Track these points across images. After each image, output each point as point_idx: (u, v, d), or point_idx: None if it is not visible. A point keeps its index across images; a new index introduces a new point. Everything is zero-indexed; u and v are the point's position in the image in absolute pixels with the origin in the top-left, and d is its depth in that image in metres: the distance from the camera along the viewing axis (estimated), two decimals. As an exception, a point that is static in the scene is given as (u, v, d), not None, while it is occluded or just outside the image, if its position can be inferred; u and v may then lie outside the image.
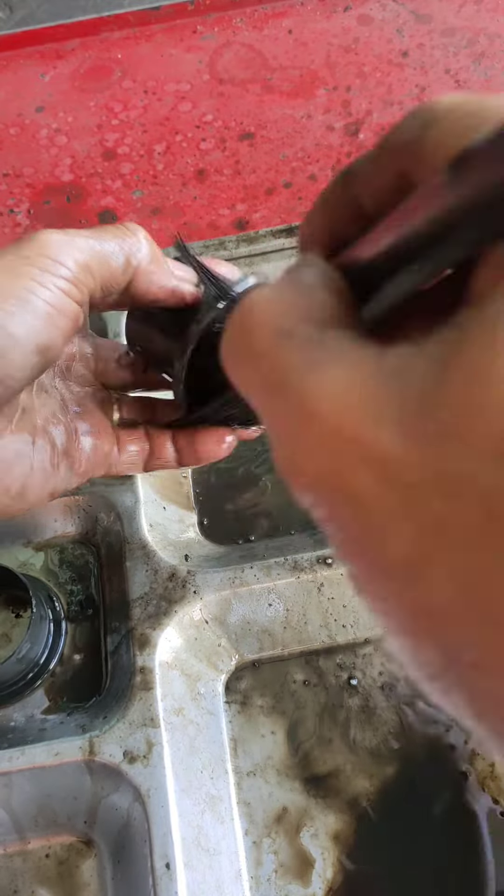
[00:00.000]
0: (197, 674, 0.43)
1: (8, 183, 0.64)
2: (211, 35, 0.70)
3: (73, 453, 0.36)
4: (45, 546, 0.48)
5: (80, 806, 0.40)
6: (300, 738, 0.42)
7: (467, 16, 0.69)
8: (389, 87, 0.66)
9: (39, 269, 0.30)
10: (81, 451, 0.36)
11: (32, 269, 0.29)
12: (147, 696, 0.40)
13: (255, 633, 0.44)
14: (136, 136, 0.66)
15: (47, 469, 0.34)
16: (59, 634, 0.45)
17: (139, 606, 0.42)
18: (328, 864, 0.39)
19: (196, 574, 0.43)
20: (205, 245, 0.53)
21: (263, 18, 0.71)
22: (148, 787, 0.37)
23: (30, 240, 0.30)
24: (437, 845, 0.39)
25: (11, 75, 0.70)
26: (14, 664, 0.41)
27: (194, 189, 0.62)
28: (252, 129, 0.65)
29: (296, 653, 0.44)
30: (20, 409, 0.33)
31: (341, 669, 0.44)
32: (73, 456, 0.35)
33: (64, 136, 0.66)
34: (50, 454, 0.34)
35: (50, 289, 0.30)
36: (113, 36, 0.71)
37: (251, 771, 0.42)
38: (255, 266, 0.53)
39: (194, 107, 0.67)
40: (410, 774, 0.41)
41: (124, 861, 0.38)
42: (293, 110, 0.66)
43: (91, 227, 0.61)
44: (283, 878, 0.39)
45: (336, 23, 0.70)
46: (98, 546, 0.47)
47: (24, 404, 0.34)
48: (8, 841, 0.40)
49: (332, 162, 0.63)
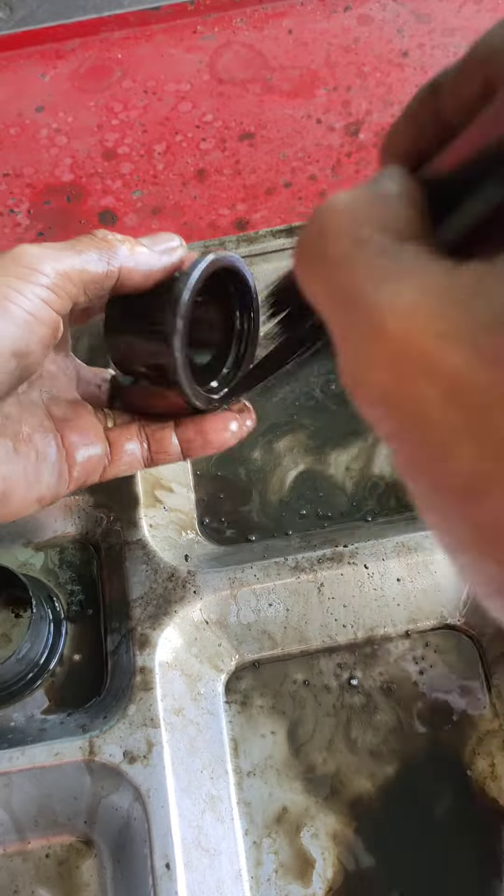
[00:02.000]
0: (197, 674, 0.43)
1: (8, 183, 0.64)
2: (211, 35, 0.70)
3: (64, 461, 0.36)
4: (45, 546, 0.48)
5: (80, 806, 0.40)
6: (300, 739, 0.42)
7: (467, 16, 0.69)
8: (389, 87, 0.66)
9: (17, 279, 0.30)
10: (73, 459, 0.37)
11: (10, 278, 0.30)
12: (147, 696, 0.40)
13: (255, 633, 0.44)
14: (136, 136, 0.66)
15: (30, 476, 0.35)
16: (59, 634, 0.45)
17: (139, 606, 0.42)
18: (328, 864, 0.39)
19: (196, 574, 0.43)
20: (205, 245, 0.53)
21: (263, 18, 0.71)
22: (148, 787, 0.37)
23: (7, 252, 0.31)
24: (438, 845, 0.39)
25: (11, 75, 0.70)
26: (14, 664, 0.41)
27: (194, 189, 0.62)
28: (252, 129, 0.65)
29: (296, 653, 0.44)
30: (2, 417, 0.34)
31: (341, 669, 0.44)
32: (62, 464, 0.36)
33: (64, 136, 0.66)
34: (34, 461, 0.35)
35: (28, 297, 0.30)
36: (113, 36, 0.71)
37: (251, 771, 0.42)
38: (255, 266, 0.53)
39: (194, 107, 0.67)
40: (410, 774, 0.41)
41: (124, 861, 0.38)
42: (293, 110, 0.66)
43: (90, 227, 0.61)
44: (283, 878, 0.39)
45: (336, 23, 0.70)
46: (98, 546, 0.47)
47: (8, 413, 0.35)
48: (8, 841, 0.40)
49: (332, 162, 0.63)
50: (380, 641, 0.44)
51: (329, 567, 0.43)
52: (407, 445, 0.14)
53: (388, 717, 0.42)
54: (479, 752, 0.41)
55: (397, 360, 0.14)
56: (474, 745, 0.41)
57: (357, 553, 0.43)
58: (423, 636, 0.44)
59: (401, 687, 0.43)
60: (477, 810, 0.40)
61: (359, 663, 0.44)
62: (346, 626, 0.44)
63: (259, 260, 0.53)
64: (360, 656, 0.44)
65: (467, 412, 0.13)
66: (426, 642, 0.44)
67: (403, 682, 0.43)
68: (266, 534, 0.48)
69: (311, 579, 0.43)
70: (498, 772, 0.40)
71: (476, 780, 0.40)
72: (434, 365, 0.13)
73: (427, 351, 0.13)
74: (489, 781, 0.40)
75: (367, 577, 0.43)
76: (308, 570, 0.43)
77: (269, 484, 0.49)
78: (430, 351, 0.13)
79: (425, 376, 0.13)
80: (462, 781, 0.40)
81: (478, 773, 0.41)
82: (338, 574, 0.43)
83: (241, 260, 0.36)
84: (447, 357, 0.13)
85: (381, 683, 0.43)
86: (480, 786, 0.40)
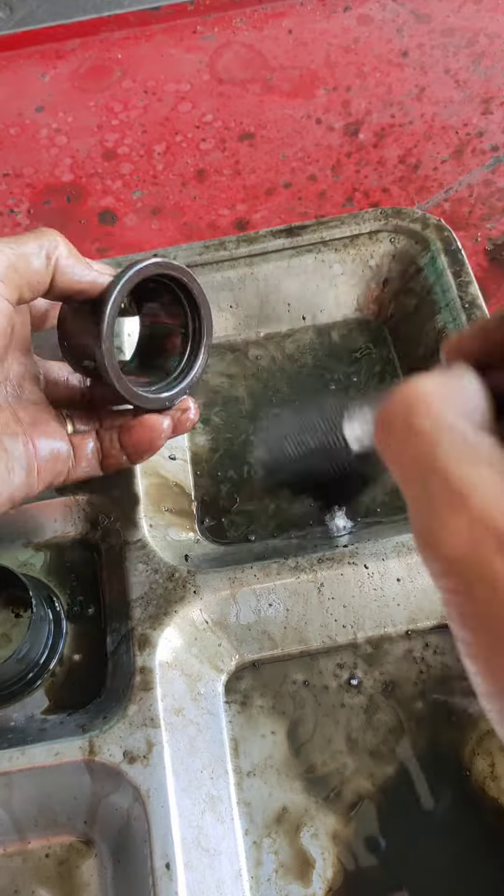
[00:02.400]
0: (197, 674, 0.43)
1: (8, 183, 0.64)
2: (211, 35, 0.70)
3: (32, 461, 0.38)
4: (45, 546, 0.48)
5: (80, 806, 0.40)
6: (300, 739, 0.42)
7: (467, 16, 0.69)
8: (389, 87, 0.66)
9: None
10: (40, 458, 0.39)
11: None
12: (147, 696, 0.40)
13: (255, 634, 0.44)
14: (136, 136, 0.66)
15: (2, 475, 0.36)
16: (59, 634, 0.45)
17: (139, 606, 0.42)
18: (328, 864, 0.39)
19: (196, 574, 0.43)
20: (205, 245, 0.53)
21: (263, 18, 0.71)
22: (148, 787, 0.37)
23: None
24: (438, 845, 0.39)
25: (11, 75, 0.70)
26: (14, 664, 0.41)
27: (194, 189, 0.62)
28: (252, 129, 0.65)
29: (296, 653, 0.44)
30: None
31: (341, 669, 0.44)
32: (31, 464, 0.38)
33: (64, 136, 0.66)
34: (5, 462, 0.37)
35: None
36: (113, 36, 0.71)
37: (251, 771, 0.42)
38: (255, 266, 0.53)
39: (194, 107, 0.67)
40: (410, 774, 0.41)
41: (124, 861, 0.38)
42: (293, 110, 0.66)
43: (90, 227, 0.61)
44: (283, 878, 0.39)
45: (336, 23, 0.70)
46: (98, 546, 0.47)
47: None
48: (8, 841, 0.40)
49: (331, 162, 0.63)
50: (380, 641, 0.44)
51: (329, 567, 0.43)
52: (470, 604, 0.17)
53: (388, 717, 0.42)
54: (478, 752, 0.41)
55: (474, 528, 0.16)
56: (474, 745, 0.41)
57: (357, 553, 0.43)
58: (423, 636, 0.44)
59: (401, 687, 0.43)
60: (477, 810, 0.40)
61: (359, 663, 0.44)
62: (346, 626, 0.44)
63: (259, 260, 0.53)
64: (360, 656, 0.44)
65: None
66: (426, 642, 0.44)
67: (403, 682, 0.43)
68: (266, 534, 0.48)
69: (311, 579, 0.43)
70: (498, 772, 0.41)
71: (476, 780, 0.41)
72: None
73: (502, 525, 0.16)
74: (489, 781, 0.40)
75: (367, 577, 0.43)
76: (308, 570, 0.43)
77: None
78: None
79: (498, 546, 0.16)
80: (462, 781, 0.41)
81: (478, 773, 0.41)
82: (338, 574, 0.43)
83: (176, 266, 0.39)
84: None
85: (381, 683, 0.43)
86: (480, 786, 0.40)
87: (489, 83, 0.66)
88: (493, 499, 0.16)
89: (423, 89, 0.66)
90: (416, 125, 0.64)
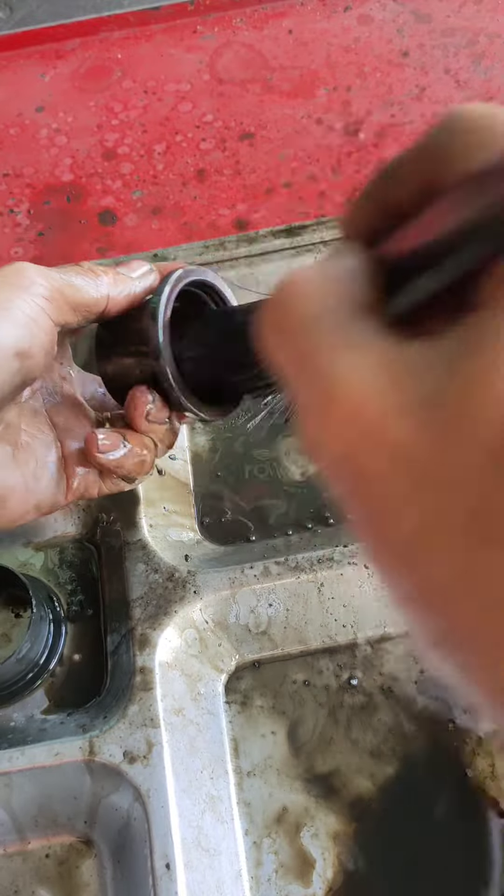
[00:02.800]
0: (197, 674, 0.43)
1: (8, 183, 0.64)
2: (211, 35, 0.70)
3: (62, 471, 0.38)
4: (45, 546, 0.48)
5: (80, 806, 0.40)
6: (300, 738, 0.42)
7: (467, 16, 0.69)
8: (389, 87, 0.66)
9: (18, 286, 0.33)
10: (73, 469, 0.38)
11: (12, 286, 0.33)
12: (147, 696, 0.40)
13: (256, 634, 0.44)
14: (136, 136, 0.66)
15: (29, 483, 0.36)
16: (59, 634, 0.45)
17: (139, 606, 0.42)
18: (328, 865, 0.39)
19: (196, 574, 0.43)
20: (205, 245, 0.53)
21: (263, 18, 0.71)
22: (148, 787, 0.37)
23: (9, 266, 0.34)
24: (438, 845, 0.39)
25: (11, 75, 0.70)
26: (14, 664, 0.41)
27: (194, 189, 0.62)
28: (252, 129, 0.65)
29: (296, 653, 0.44)
30: (3, 424, 0.36)
31: (341, 669, 0.44)
32: (61, 473, 0.38)
33: (64, 136, 0.66)
34: (33, 469, 0.36)
35: (28, 302, 0.33)
36: (113, 36, 0.71)
37: (251, 771, 0.42)
38: (255, 266, 0.53)
39: (194, 107, 0.67)
40: (410, 774, 0.41)
41: (124, 861, 0.38)
42: (293, 110, 0.66)
43: (90, 227, 0.61)
44: (283, 878, 0.39)
45: (336, 23, 0.70)
46: (98, 546, 0.47)
47: (9, 420, 0.36)
48: (8, 841, 0.40)
49: (332, 162, 0.63)
50: (380, 641, 0.44)
51: (329, 567, 0.43)
52: (359, 507, 0.16)
53: (388, 717, 0.42)
54: (478, 752, 0.41)
55: (351, 427, 0.15)
56: (474, 745, 0.41)
57: (357, 553, 0.43)
58: (423, 636, 0.44)
59: (401, 687, 0.43)
60: (477, 810, 0.40)
61: (359, 663, 0.44)
62: (346, 626, 0.44)
63: (259, 260, 0.53)
64: (360, 656, 0.44)
65: (410, 479, 0.14)
66: (426, 642, 0.44)
67: (403, 682, 0.43)
68: (266, 534, 0.48)
69: (311, 579, 0.43)
70: (498, 772, 0.40)
71: (476, 780, 0.41)
72: (383, 433, 0.14)
73: (377, 420, 0.14)
74: (489, 781, 0.40)
75: (367, 577, 0.43)
76: (308, 570, 0.43)
77: (269, 484, 0.49)
78: (379, 420, 0.14)
79: (375, 444, 0.14)
80: (462, 781, 0.40)
81: (478, 773, 0.41)
82: (338, 574, 0.43)
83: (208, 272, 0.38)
84: (394, 426, 0.14)
85: (382, 683, 0.43)
86: (480, 786, 0.40)
87: (489, 83, 0.65)
88: (363, 391, 0.15)
89: (423, 89, 0.66)
90: (416, 125, 0.64)
